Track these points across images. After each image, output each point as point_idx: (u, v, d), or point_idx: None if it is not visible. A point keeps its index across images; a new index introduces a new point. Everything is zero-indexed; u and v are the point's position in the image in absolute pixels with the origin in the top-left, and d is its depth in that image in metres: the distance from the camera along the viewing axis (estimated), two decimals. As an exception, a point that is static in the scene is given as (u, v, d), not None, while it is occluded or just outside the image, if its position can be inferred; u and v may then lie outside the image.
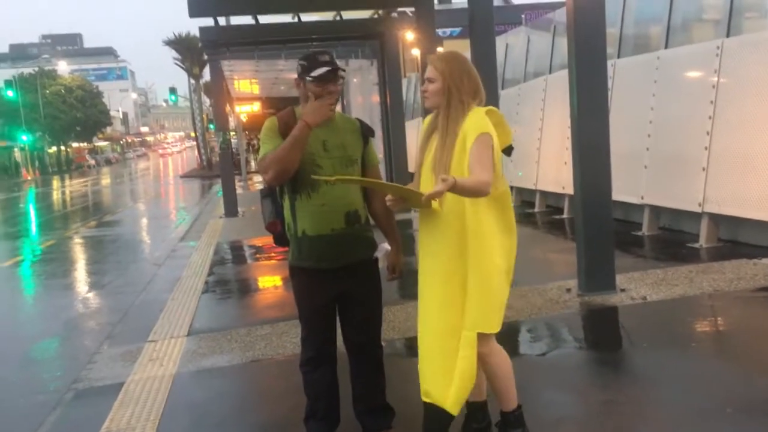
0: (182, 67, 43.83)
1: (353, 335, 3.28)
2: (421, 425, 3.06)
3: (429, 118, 3.07)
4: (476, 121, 2.87)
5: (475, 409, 3.19)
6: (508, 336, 5.00)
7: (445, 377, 2.89)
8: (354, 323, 3.25)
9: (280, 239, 3.28)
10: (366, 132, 3.22)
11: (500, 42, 14.46)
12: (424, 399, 2.98)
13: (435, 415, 2.94)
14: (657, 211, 8.58)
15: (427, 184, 2.93)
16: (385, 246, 3.22)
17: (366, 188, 3.16)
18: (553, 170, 10.99)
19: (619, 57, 9.92)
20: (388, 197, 2.88)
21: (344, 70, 3.16)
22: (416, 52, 13.26)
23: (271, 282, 8.14)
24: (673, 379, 3.91)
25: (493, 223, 2.89)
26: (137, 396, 4.40)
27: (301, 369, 3.33)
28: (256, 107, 27.12)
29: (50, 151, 66.17)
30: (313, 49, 4.57)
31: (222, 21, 13.37)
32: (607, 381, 4.10)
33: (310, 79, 3.02)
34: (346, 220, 3.09)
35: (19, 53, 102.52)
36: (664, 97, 8.47)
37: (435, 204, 2.82)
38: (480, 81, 3.00)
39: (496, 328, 2.93)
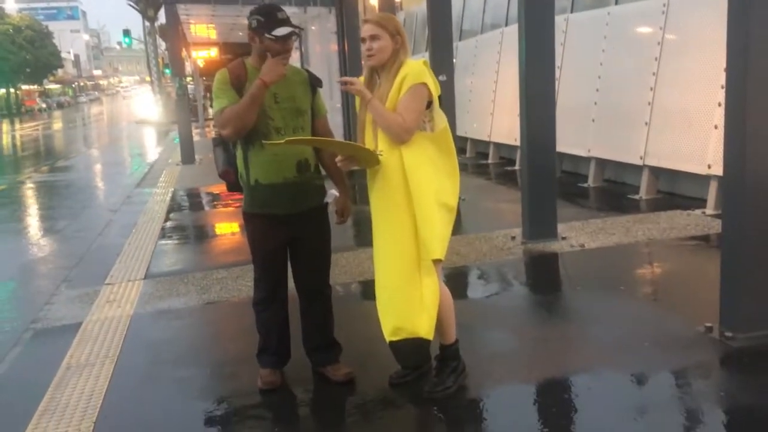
0: (136, 9, 42.49)
1: (304, 277, 3.49)
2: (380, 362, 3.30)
3: (363, 77, 3.22)
4: (416, 69, 3.05)
5: None
6: (454, 280, 5.29)
7: (414, 307, 3.09)
8: (304, 266, 3.46)
9: (234, 186, 3.46)
10: (314, 82, 3.37)
11: (459, -8, 14.52)
12: (393, 338, 3.15)
13: (411, 347, 3.14)
14: (603, 163, 8.92)
15: (369, 140, 3.13)
16: (334, 192, 3.41)
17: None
18: (506, 122, 11.23)
19: (572, 11, 10.11)
20: (338, 158, 3.07)
21: (302, 29, 3.27)
22: (374, 1, 13.21)
23: (227, 228, 8.28)
24: (599, 318, 4.25)
25: (429, 166, 3.09)
26: (95, 335, 4.57)
27: (254, 308, 3.54)
28: (213, 53, 26.63)
29: (-1, 93, 64.04)
30: (270, 2, 4.61)
31: (177, -37, 13.11)
32: (541, 320, 4.42)
33: (271, 37, 3.14)
34: (297, 168, 3.27)
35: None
36: (613, 52, 8.73)
37: (382, 160, 3.03)
38: None
39: (439, 254, 3.10)
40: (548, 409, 3.22)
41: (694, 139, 7.15)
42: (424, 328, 3.10)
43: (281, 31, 3.14)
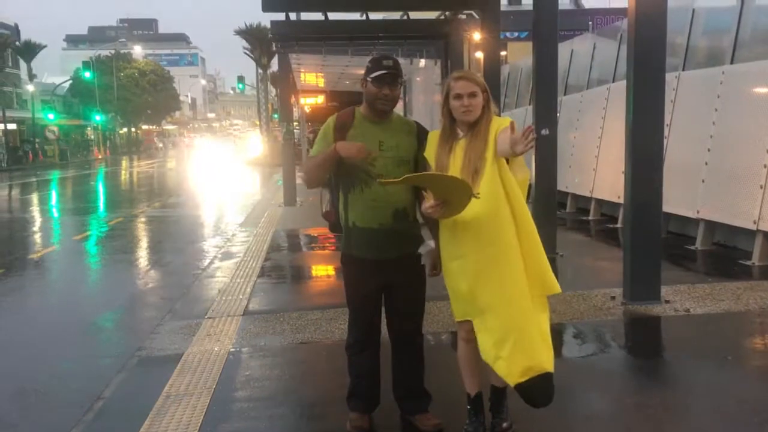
0: (251, 57, 44.86)
1: (396, 323, 3.52)
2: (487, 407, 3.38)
3: (437, 132, 3.34)
4: (503, 120, 3.21)
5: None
6: (551, 338, 5.16)
7: (539, 344, 3.19)
8: (398, 312, 3.50)
9: (335, 227, 3.56)
10: (421, 134, 3.45)
11: (566, 47, 14.46)
12: (522, 379, 3.16)
13: (542, 383, 3.18)
14: (712, 226, 8.53)
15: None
16: (431, 243, 3.44)
17: (416, 187, 3.38)
18: (610, 179, 10.98)
19: (684, 69, 9.86)
20: (426, 204, 3.13)
21: (402, 78, 3.39)
22: (480, 55, 13.37)
23: (323, 270, 8.45)
24: (703, 388, 4.04)
25: (524, 203, 3.23)
26: (195, 366, 4.74)
27: (347, 351, 3.59)
28: (320, 99, 27.58)
29: (121, 132, 68.50)
30: (382, 52, 4.86)
31: (293, 15, 13.76)
32: (639, 385, 4.25)
33: (370, 79, 3.28)
34: (394, 216, 3.34)
35: (97, 35, 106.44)
36: (727, 112, 8.42)
37: (472, 206, 3.07)
38: None
39: (558, 288, 3.26)
40: (645, 480, 3.08)
41: (814, 205, 6.75)
42: (551, 361, 3.20)
43: (377, 72, 3.27)
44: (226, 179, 28.80)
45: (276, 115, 33.71)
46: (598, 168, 11.62)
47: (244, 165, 36.66)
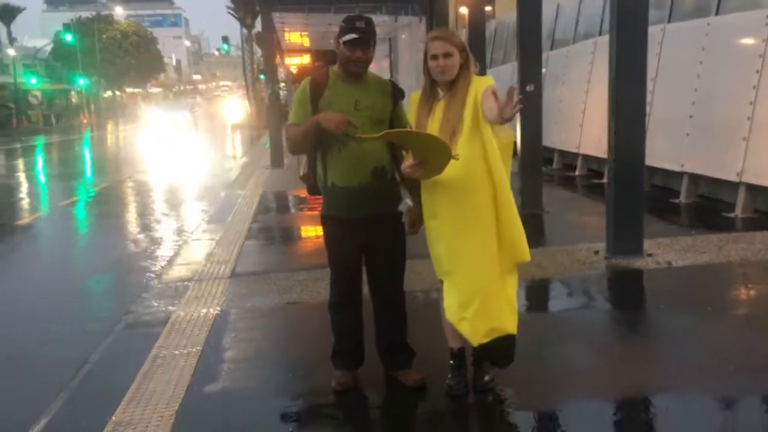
0: (235, 17, 44.07)
1: (377, 281, 3.55)
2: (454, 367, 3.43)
3: (417, 93, 3.34)
4: (484, 81, 3.19)
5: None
6: (533, 292, 5.24)
7: (504, 306, 3.26)
8: (378, 270, 3.53)
9: (313, 189, 3.57)
10: (396, 94, 3.44)
11: (552, 1, 14.31)
12: (485, 340, 3.23)
13: (503, 344, 3.27)
14: (696, 179, 8.59)
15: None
16: (408, 202, 3.46)
17: (394, 146, 3.38)
18: (596, 134, 10.97)
19: (670, 21, 9.79)
20: (406, 164, 3.13)
21: (375, 41, 3.35)
22: (464, 10, 13.20)
23: (310, 231, 8.47)
24: (682, 338, 4.11)
25: (505, 172, 3.21)
26: (182, 329, 4.78)
27: (330, 310, 3.64)
28: (305, 59, 27.25)
29: (105, 95, 67.62)
30: (358, 13, 4.79)
31: (274, -27, 13.55)
32: (620, 338, 4.33)
33: (342, 42, 3.25)
34: (373, 174, 3.35)
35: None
36: (711, 64, 8.40)
37: (450, 167, 3.07)
38: None
39: (528, 256, 3.28)
40: (622, 428, 3.16)
41: (796, 156, 6.80)
42: (514, 324, 3.28)
43: (347, 36, 3.24)
44: (213, 143, 28.62)
45: (262, 76, 33.37)
46: (584, 123, 11.62)
47: (231, 128, 36.36)
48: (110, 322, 5.21)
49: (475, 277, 3.24)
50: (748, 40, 7.84)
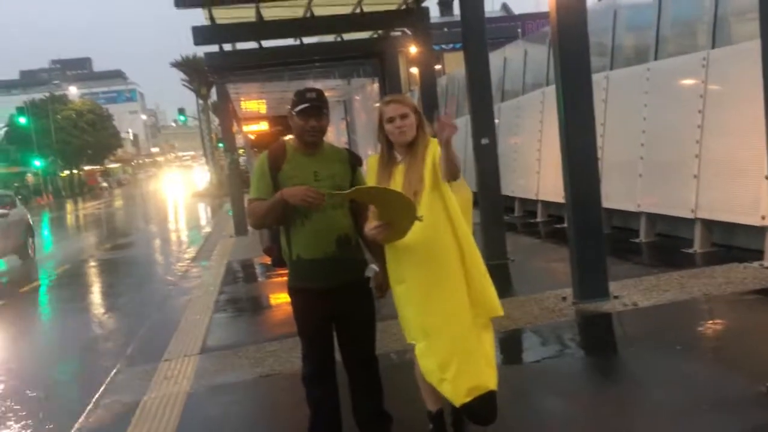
0: (190, 88, 44.34)
1: (349, 350, 3.53)
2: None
3: (375, 156, 3.42)
4: (437, 143, 3.23)
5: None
6: (506, 343, 5.26)
7: (482, 364, 3.24)
8: (350, 339, 3.51)
9: (277, 262, 3.57)
10: (354, 161, 3.50)
11: (499, 55, 14.77)
12: (467, 399, 3.20)
13: (484, 403, 3.23)
14: (653, 218, 8.79)
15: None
16: (374, 267, 3.47)
17: (356, 213, 3.41)
18: (553, 180, 11.19)
19: (612, 68, 10.17)
20: (370, 226, 3.16)
21: (326, 110, 3.42)
22: (415, 70, 13.51)
23: (279, 299, 8.39)
24: (655, 380, 4.16)
25: (466, 225, 3.27)
26: (153, 412, 4.67)
27: (304, 383, 3.59)
28: (263, 126, 27.49)
29: (63, 174, 66.94)
30: (312, 77, 4.90)
31: (227, 46, 13.72)
32: (595, 384, 4.35)
33: (295, 113, 3.32)
34: (337, 244, 3.37)
35: (29, 79, 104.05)
36: (656, 107, 8.71)
37: (414, 230, 3.11)
38: None
39: (501, 311, 3.30)
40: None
41: (745, 190, 7.02)
42: (494, 380, 3.25)
43: (300, 106, 3.31)
44: (175, 214, 28.40)
45: (221, 145, 33.45)
46: (541, 170, 11.86)
47: (192, 198, 36.17)
48: (78, 413, 5.04)
49: (451, 337, 3.24)
50: (688, 82, 8.17)
